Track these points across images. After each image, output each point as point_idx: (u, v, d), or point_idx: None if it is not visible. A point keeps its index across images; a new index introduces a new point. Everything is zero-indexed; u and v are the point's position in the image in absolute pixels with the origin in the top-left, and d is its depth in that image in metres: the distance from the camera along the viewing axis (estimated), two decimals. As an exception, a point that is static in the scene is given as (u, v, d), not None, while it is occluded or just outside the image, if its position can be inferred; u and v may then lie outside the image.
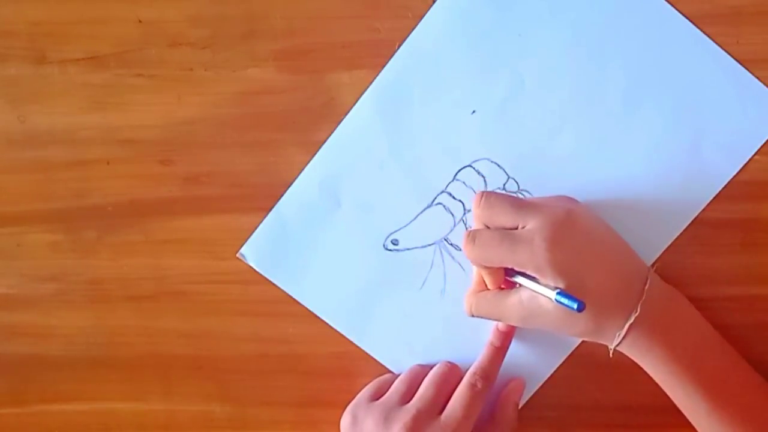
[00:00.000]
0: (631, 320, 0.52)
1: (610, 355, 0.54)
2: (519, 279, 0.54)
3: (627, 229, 0.58)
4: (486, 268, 0.56)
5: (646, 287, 0.53)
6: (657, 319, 0.53)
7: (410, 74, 0.59)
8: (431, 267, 0.60)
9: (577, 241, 0.53)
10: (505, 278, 0.56)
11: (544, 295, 0.52)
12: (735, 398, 0.54)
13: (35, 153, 0.61)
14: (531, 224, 0.53)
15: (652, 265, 0.55)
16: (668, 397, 0.56)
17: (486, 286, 0.57)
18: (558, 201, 0.56)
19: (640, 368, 0.58)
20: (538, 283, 0.53)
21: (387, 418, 0.56)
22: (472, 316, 0.58)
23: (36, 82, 0.61)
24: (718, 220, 0.58)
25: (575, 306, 0.50)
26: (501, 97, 0.59)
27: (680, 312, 0.56)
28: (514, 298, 0.55)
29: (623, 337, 0.53)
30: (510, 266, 0.54)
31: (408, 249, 0.60)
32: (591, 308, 0.51)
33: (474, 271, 0.58)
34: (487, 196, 0.55)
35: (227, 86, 0.60)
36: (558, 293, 0.51)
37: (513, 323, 0.56)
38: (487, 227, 0.55)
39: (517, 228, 0.54)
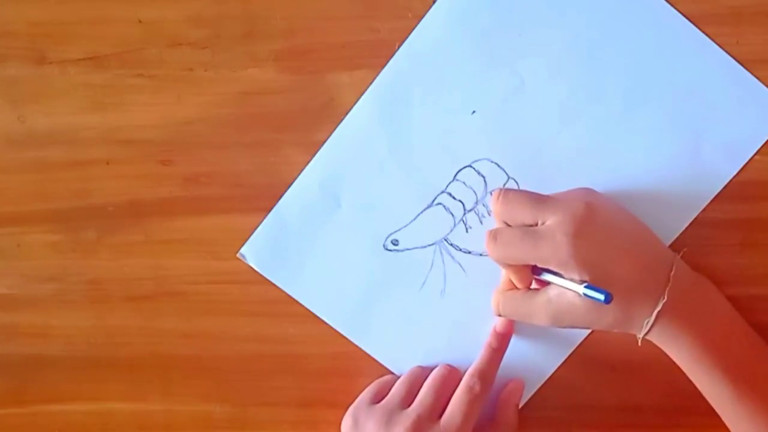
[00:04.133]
0: (659, 307, 0.52)
1: (639, 344, 0.54)
2: (547, 276, 0.54)
3: (627, 229, 0.58)
4: (510, 266, 0.55)
5: (672, 273, 0.53)
6: (685, 305, 0.53)
7: (410, 74, 0.59)
8: (431, 267, 0.60)
9: (598, 232, 0.53)
10: (535, 278, 0.56)
11: (573, 290, 0.52)
12: (761, 386, 0.54)
13: (35, 153, 0.61)
14: (551, 220, 0.53)
15: (679, 252, 0.55)
16: (667, 397, 0.56)
17: (513, 285, 0.57)
18: (577, 193, 0.56)
19: (641, 369, 0.58)
20: (564, 278, 0.53)
21: (388, 422, 0.56)
22: (500, 315, 0.58)
23: (36, 82, 0.61)
24: (718, 220, 0.58)
25: (602, 298, 0.50)
26: (501, 97, 0.59)
27: (708, 299, 0.55)
28: (542, 298, 0.54)
29: (651, 325, 0.53)
30: (533, 263, 0.54)
31: (408, 249, 0.60)
32: (618, 298, 0.51)
33: (503, 270, 0.58)
34: (505, 193, 0.55)
35: (227, 86, 0.60)
36: (585, 287, 0.51)
37: (542, 323, 0.55)
38: (507, 225, 0.55)
39: (537, 224, 0.54)
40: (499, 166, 0.59)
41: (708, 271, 0.58)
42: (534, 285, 0.57)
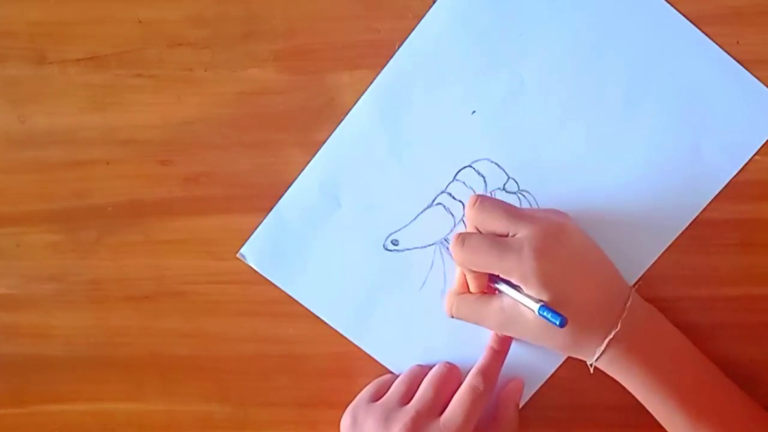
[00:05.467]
0: (611, 336, 0.53)
1: (591, 371, 0.54)
2: (502, 287, 0.55)
3: (627, 229, 0.58)
4: (470, 272, 0.56)
5: (628, 305, 0.54)
6: (636, 336, 0.54)
7: (410, 74, 0.59)
8: (431, 267, 0.60)
9: (565, 255, 0.53)
10: (489, 283, 0.56)
11: (528, 307, 0.53)
12: (716, 413, 0.54)
13: (35, 153, 0.61)
14: (522, 233, 0.53)
15: (634, 285, 0.56)
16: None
17: (468, 287, 0.57)
18: (550, 214, 0.56)
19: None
20: (521, 293, 0.53)
21: (387, 419, 0.56)
22: (452, 317, 0.58)
23: (36, 82, 0.61)
24: (718, 220, 0.58)
25: (557, 321, 0.51)
26: (501, 97, 0.59)
27: (659, 330, 0.56)
28: (495, 304, 0.55)
29: (602, 353, 0.53)
30: (496, 273, 0.54)
31: (408, 249, 0.60)
32: (572, 323, 0.52)
33: (457, 272, 0.58)
34: (482, 200, 0.55)
35: (227, 86, 0.60)
36: (541, 307, 0.51)
37: (492, 329, 0.57)
38: (478, 231, 0.55)
39: (507, 235, 0.54)
40: (499, 166, 0.59)
41: (708, 271, 0.59)
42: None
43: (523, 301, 0.53)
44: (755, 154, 0.58)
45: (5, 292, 0.63)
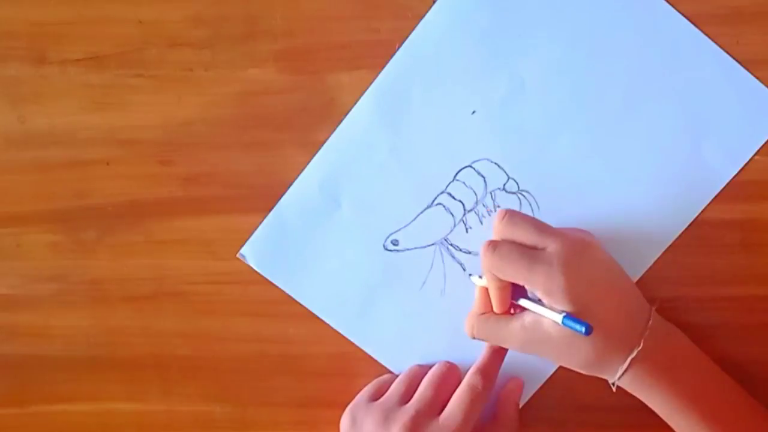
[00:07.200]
0: (634, 354, 0.53)
1: (613, 390, 0.54)
2: (524, 302, 0.55)
3: (627, 229, 0.58)
4: (496, 282, 0.55)
5: (650, 324, 0.54)
6: (658, 355, 0.54)
7: (410, 74, 0.59)
8: (431, 267, 0.60)
9: (592, 272, 0.53)
10: (512, 303, 0.56)
11: (551, 318, 0.52)
12: (740, 429, 0.55)
13: (35, 153, 0.61)
14: (551, 248, 0.53)
15: (653, 305, 0.56)
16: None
17: (488, 307, 0.57)
18: (575, 231, 0.57)
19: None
20: (544, 306, 0.53)
21: (386, 418, 0.56)
22: (473, 338, 0.58)
23: (36, 83, 0.61)
24: (718, 220, 0.58)
25: (583, 329, 0.50)
26: (501, 98, 0.59)
27: (680, 348, 0.56)
28: (516, 323, 0.55)
29: (624, 372, 0.53)
30: (522, 283, 0.54)
31: (408, 249, 0.60)
32: (595, 339, 0.52)
33: (477, 294, 0.58)
34: (512, 214, 0.55)
35: (227, 86, 0.60)
36: (565, 316, 0.51)
37: (514, 348, 0.56)
38: None
39: (535, 249, 0.54)
40: (499, 166, 0.59)
41: (708, 271, 0.59)
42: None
43: (546, 314, 0.53)
44: (755, 154, 0.58)
45: (5, 292, 0.63)
